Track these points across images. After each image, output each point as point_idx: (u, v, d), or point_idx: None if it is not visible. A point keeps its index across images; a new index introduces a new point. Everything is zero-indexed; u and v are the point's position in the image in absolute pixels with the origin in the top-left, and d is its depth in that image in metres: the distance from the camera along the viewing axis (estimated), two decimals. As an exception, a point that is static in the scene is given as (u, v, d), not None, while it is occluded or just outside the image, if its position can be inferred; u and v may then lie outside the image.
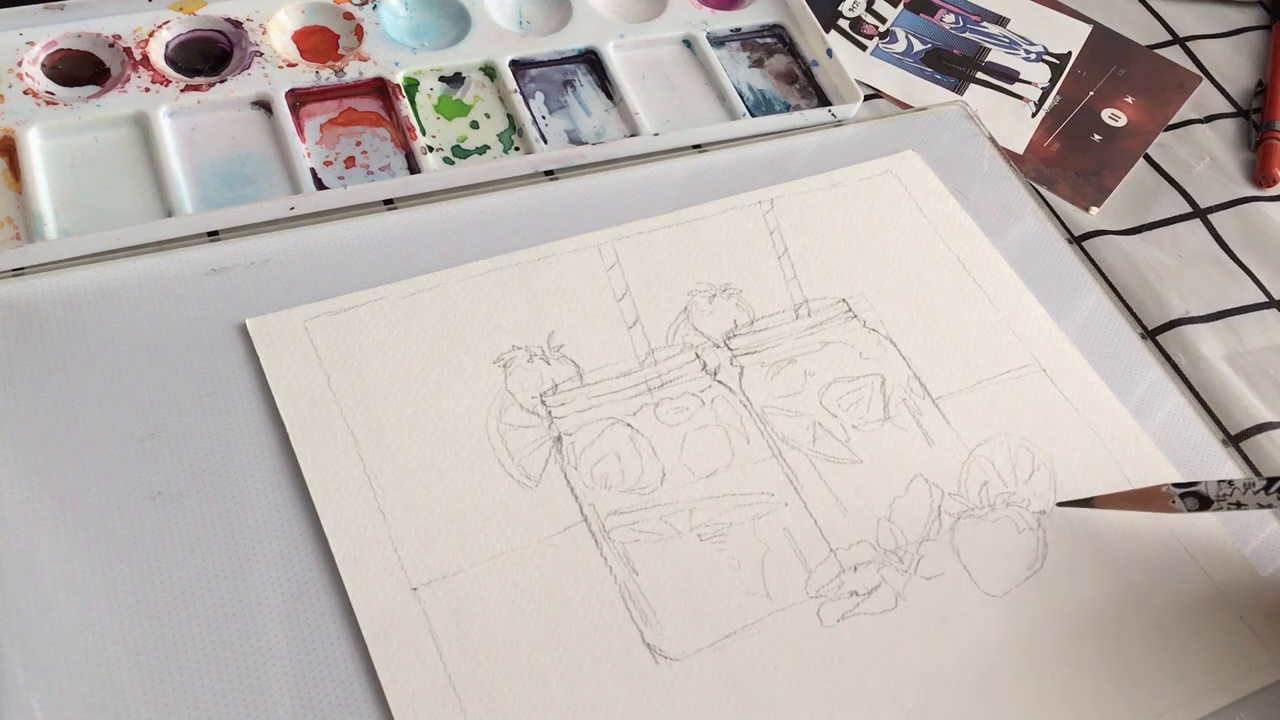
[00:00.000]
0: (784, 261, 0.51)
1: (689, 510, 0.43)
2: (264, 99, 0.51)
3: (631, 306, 0.48)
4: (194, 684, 0.37)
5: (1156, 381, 0.50)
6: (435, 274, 0.47)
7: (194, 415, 0.42)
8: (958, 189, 0.55)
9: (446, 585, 0.40)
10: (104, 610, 0.37)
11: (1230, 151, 0.62)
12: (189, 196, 0.48)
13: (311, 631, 0.38)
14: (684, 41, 0.58)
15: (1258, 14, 0.69)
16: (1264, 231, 0.58)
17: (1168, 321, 0.54)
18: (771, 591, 0.41)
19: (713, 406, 0.46)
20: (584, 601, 0.40)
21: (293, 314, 0.45)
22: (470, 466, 0.42)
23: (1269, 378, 0.52)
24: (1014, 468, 0.46)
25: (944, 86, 0.61)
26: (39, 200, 0.46)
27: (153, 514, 0.40)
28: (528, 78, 0.56)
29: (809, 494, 0.44)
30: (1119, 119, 0.62)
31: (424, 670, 0.38)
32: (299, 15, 0.55)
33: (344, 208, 0.49)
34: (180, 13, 0.53)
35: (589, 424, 0.44)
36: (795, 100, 0.58)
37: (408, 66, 0.54)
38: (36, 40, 0.51)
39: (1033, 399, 0.48)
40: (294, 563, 0.39)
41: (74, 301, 0.44)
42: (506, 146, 0.53)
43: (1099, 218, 0.57)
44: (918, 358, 0.49)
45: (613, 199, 0.51)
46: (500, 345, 0.46)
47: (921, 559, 0.43)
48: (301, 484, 0.41)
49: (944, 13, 0.65)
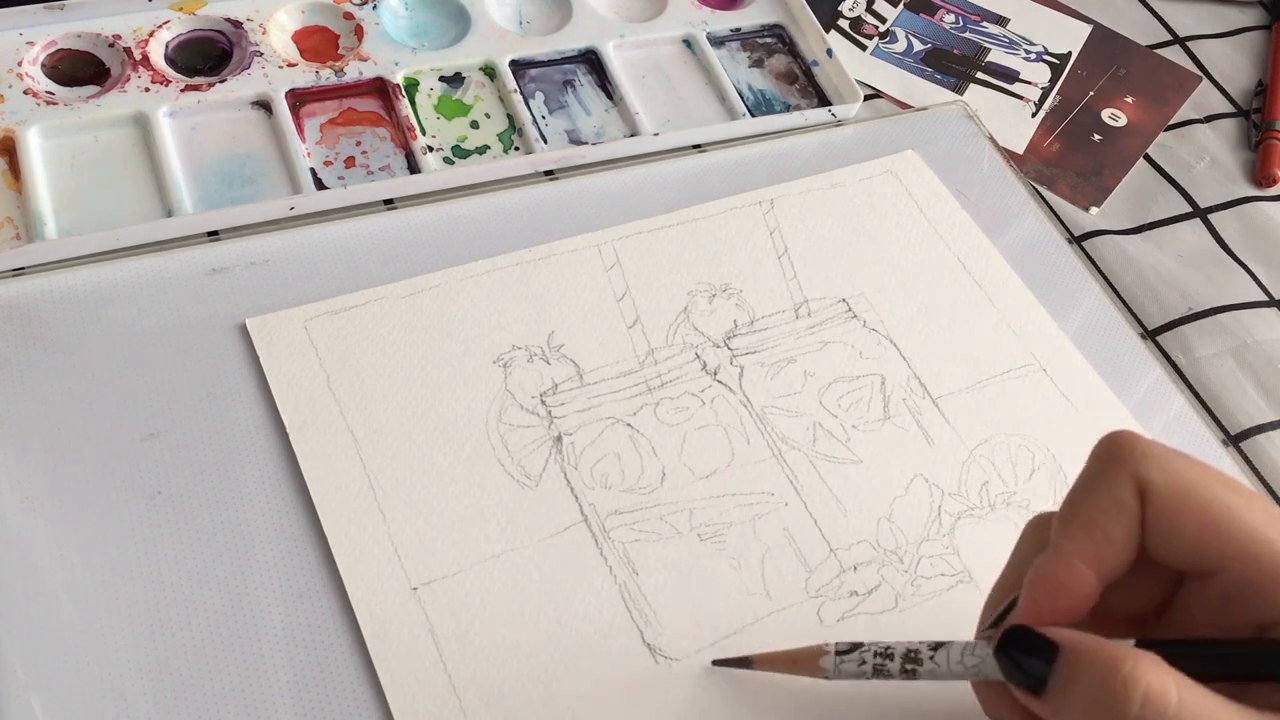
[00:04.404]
0: (784, 261, 0.51)
1: (689, 510, 0.43)
2: (264, 99, 0.51)
3: (631, 306, 0.48)
4: (194, 683, 0.37)
5: (1156, 381, 0.50)
6: (435, 274, 0.47)
7: (194, 415, 0.42)
8: (958, 189, 0.55)
9: (446, 585, 0.40)
10: (104, 610, 0.37)
11: (1230, 151, 0.62)
12: (189, 196, 0.48)
13: (311, 631, 0.38)
14: (684, 41, 0.58)
15: (1258, 14, 0.69)
16: (1264, 231, 0.58)
17: (1168, 321, 0.54)
18: (771, 591, 0.41)
19: (713, 406, 0.46)
20: (584, 601, 0.40)
21: (293, 314, 0.45)
22: (470, 466, 0.42)
23: (1269, 378, 0.52)
24: (1014, 467, 0.46)
25: (944, 86, 0.61)
26: (39, 200, 0.46)
27: (152, 514, 0.40)
28: (528, 78, 0.56)
29: (809, 494, 0.44)
30: (1119, 119, 0.62)
31: (424, 670, 0.38)
32: (299, 15, 0.55)
33: (344, 208, 0.49)
34: (180, 13, 0.53)
35: (589, 424, 0.44)
36: (795, 100, 0.58)
37: (408, 66, 0.54)
38: (36, 40, 0.51)
39: (1033, 399, 0.48)
40: (294, 563, 0.39)
41: (74, 301, 0.44)
42: (506, 146, 0.53)
43: (1099, 218, 0.57)
44: (918, 358, 0.49)
45: (612, 199, 0.51)
46: (500, 345, 0.46)
47: (921, 559, 0.43)
48: (301, 484, 0.41)
49: (944, 13, 0.65)
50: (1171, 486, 0.31)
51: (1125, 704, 0.29)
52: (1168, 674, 0.29)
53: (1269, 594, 0.30)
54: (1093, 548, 0.32)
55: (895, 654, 0.35)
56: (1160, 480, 0.32)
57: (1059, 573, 0.32)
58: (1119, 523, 0.32)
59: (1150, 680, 0.29)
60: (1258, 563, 0.30)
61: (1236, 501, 0.31)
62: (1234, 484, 0.32)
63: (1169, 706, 0.28)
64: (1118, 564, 0.32)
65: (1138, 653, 0.29)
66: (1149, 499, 0.32)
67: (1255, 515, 0.31)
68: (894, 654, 0.35)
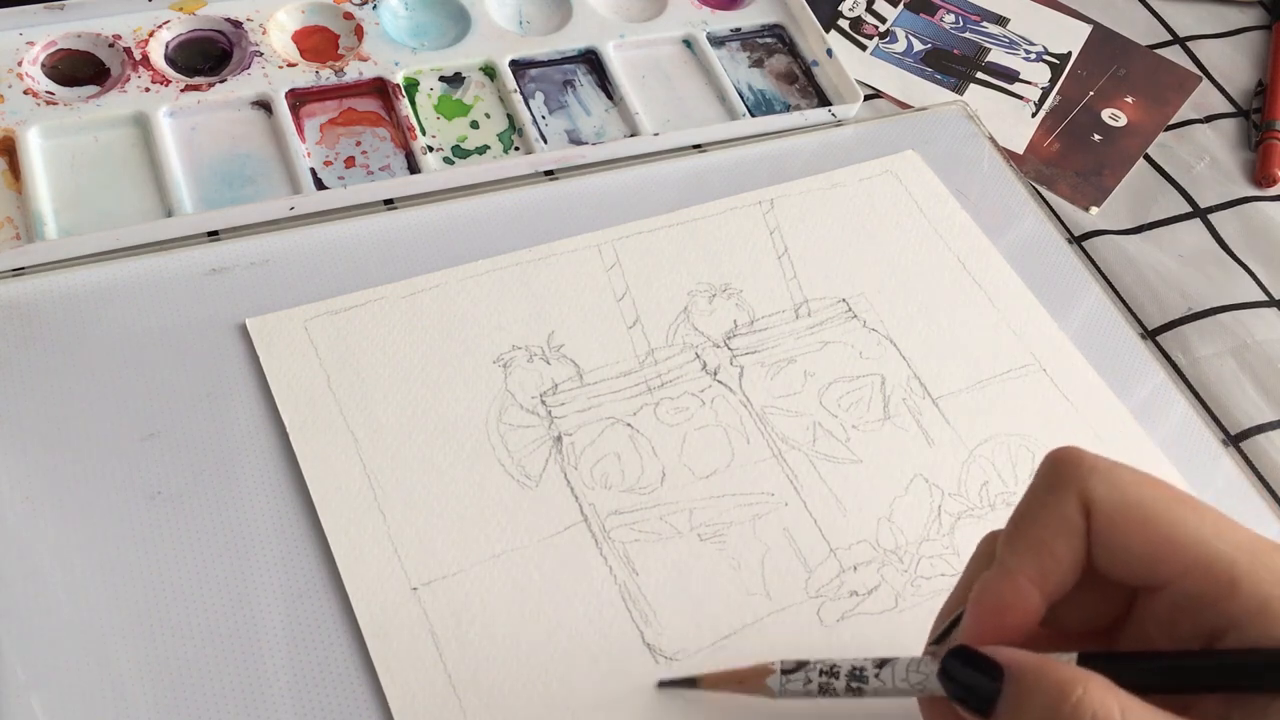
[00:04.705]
0: (784, 261, 0.51)
1: (689, 510, 0.43)
2: (264, 99, 0.51)
3: (631, 306, 0.48)
4: (194, 683, 0.37)
5: (1156, 381, 0.50)
6: (435, 274, 0.47)
7: (194, 415, 0.42)
8: (958, 189, 0.55)
9: (446, 585, 0.40)
10: (104, 610, 0.37)
11: (1230, 151, 0.62)
12: (189, 196, 0.48)
13: (311, 631, 0.38)
14: (684, 41, 0.58)
15: (1258, 14, 0.69)
16: (1264, 231, 0.58)
17: (1168, 321, 0.54)
18: (771, 591, 0.41)
19: (713, 406, 0.46)
20: (584, 601, 0.40)
21: (293, 314, 0.45)
22: (470, 466, 0.42)
23: (1269, 378, 0.52)
24: (1014, 468, 0.46)
25: (944, 86, 0.61)
26: (39, 200, 0.46)
27: (152, 514, 0.40)
28: (528, 78, 0.56)
29: (809, 494, 0.44)
30: (1119, 119, 0.62)
31: (424, 670, 0.38)
32: (299, 15, 0.55)
33: (344, 208, 0.49)
34: (180, 13, 0.53)
35: (589, 424, 0.44)
36: (795, 100, 0.58)
37: (408, 66, 0.54)
38: (36, 40, 0.51)
39: (1033, 399, 0.48)
40: (294, 563, 0.39)
41: (74, 301, 0.44)
42: (506, 146, 0.53)
43: (1099, 217, 0.57)
44: (918, 358, 0.49)
45: (612, 199, 0.51)
46: (500, 345, 0.46)
47: (921, 559, 0.43)
48: (301, 484, 0.41)
49: (944, 13, 0.65)
50: (1118, 503, 0.31)
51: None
52: (1113, 697, 0.29)
53: (1221, 604, 0.30)
54: (1038, 565, 0.32)
55: (840, 672, 0.35)
56: (1106, 496, 0.31)
57: (1003, 590, 0.32)
58: (1064, 541, 0.32)
59: (1096, 703, 0.28)
60: (1210, 573, 0.30)
61: (1184, 513, 0.31)
62: (1183, 496, 0.32)
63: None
64: (1063, 581, 0.32)
65: (1086, 676, 0.29)
66: (1095, 516, 0.31)
67: (1204, 527, 0.31)
68: (839, 672, 0.35)
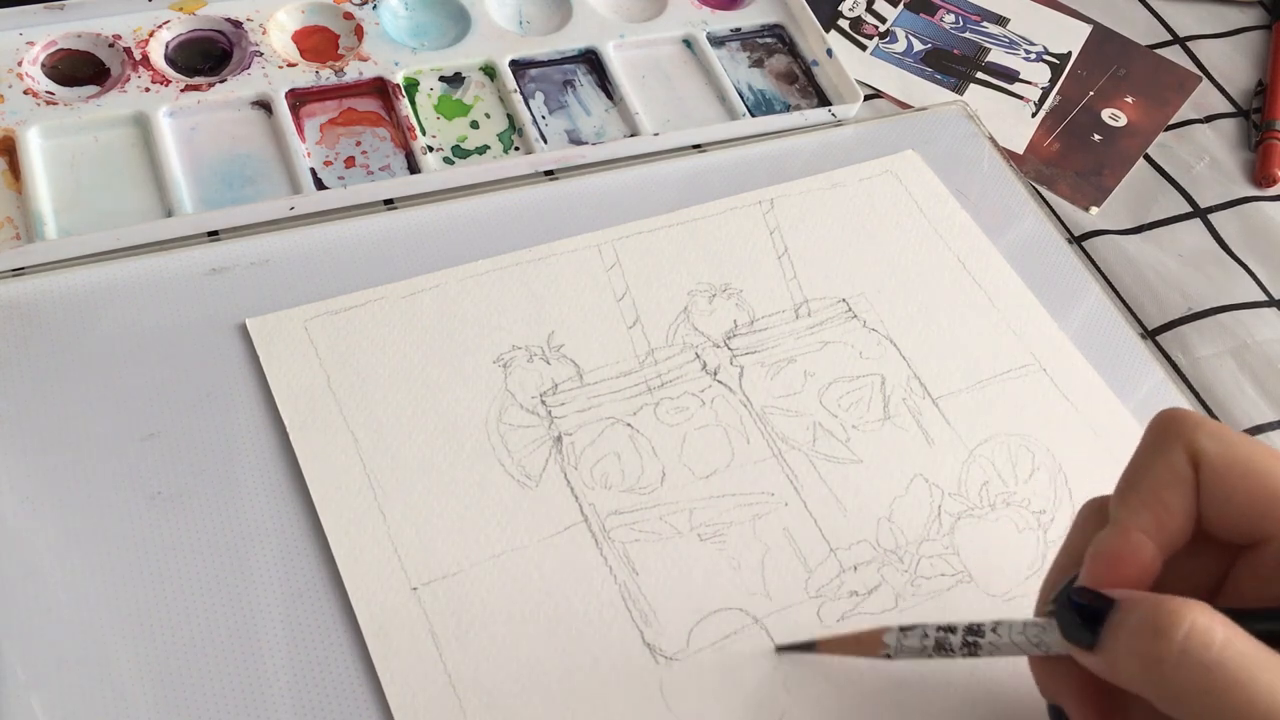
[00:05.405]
0: (784, 261, 0.51)
1: (689, 510, 0.43)
2: (264, 99, 0.51)
3: (631, 306, 0.48)
4: (194, 683, 0.37)
5: (1157, 381, 0.50)
6: (435, 274, 0.47)
7: (194, 415, 0.42)
8: (958, 189, 0.55)
9: (446, 585, 0.40)
10: (104, 610, 0.37)
11: (1230, 151, 0.62)
12: (189, 196, 0.48)
13: (311, 631, 0.38)
14: (684, 41, 0.58)
15: (1258, 14, 0.69)
16: (1264, 231, 0.58)
17: (1168, 321, 0.54)
18: (771, 591, 0.41)
19: (713, 406, 0.46)
20: (584, 601, 0.40)
21: (293, 314, 0.45)
22: (470, 466, 0.42)
23: (1269, 378, 0.52)
24: (1014, 468, 0.46)
25: (944, 86, 0.61)
26: (39, 200, 0.46)
27: (152, 514, 0.40)
28: (528, 78, 0.56)
29: (809, 494, 0.44)
30: (1119, 119, 0.62)
31: (424, 670, 0.38)
32: (299, 15, 0.55)
33: (344, 208, 0.49)
34: (180, 13, 0.53)
35: (589, 424, 0.44)
36: (795, 100, 0.58)
37: (408, 66, 0.54)
38: (36, 40, 0.51)
39: (1033, 399, 0.48)
40: (294, 563, 0.39)
41: (74, 301, 0.44)
42: (506, 146, 0.53)
43: (1099, 217, 0.57)
44: (918, 357, 0.49)
45: (612, 199, 0.51)
46: (500, 345, 0.46)
47: (921, 559, 0.43)
48: (301, 484, 0.41)
49: (944, 13, 0.65)
50: (1225, 456, 0.32)
51: (1169, 638, 0.29)
52: (1214, 615, 0.29)
53: None
54: (1152, 518, 0.33)
55: (958, 628, 0.35)
56: (1214, 450, 0.32)
57: (1120, 544, 0.33)
58: (1176, 492, 0.33)
59: (1195, 617, 0.29)
60: None
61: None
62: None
63: (1213, 643, 0.29)
64: (1177, 534, 0.33)
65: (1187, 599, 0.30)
66: (1203, 469, 0.32)
67: None
68: (956, 629, 0.35)
